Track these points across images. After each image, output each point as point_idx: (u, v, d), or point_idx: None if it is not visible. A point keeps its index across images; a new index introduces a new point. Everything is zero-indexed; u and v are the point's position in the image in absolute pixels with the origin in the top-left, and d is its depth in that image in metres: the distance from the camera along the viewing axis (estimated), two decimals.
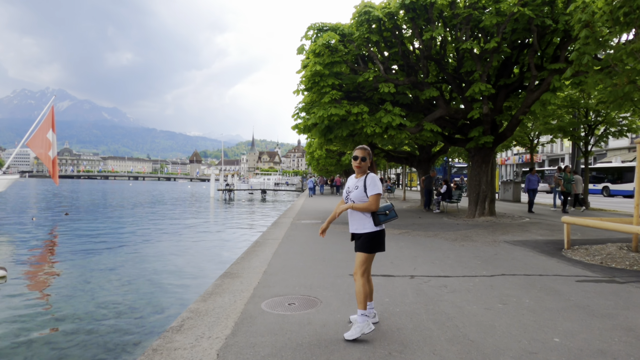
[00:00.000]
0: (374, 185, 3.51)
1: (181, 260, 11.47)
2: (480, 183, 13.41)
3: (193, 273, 9.99)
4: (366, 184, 3.52)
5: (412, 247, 8.03)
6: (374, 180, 3.53)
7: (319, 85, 10.96)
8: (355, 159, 3.59)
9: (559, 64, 10.59)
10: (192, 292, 8.34)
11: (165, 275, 9.76)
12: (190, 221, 22.05)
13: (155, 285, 8.95)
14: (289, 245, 8.54)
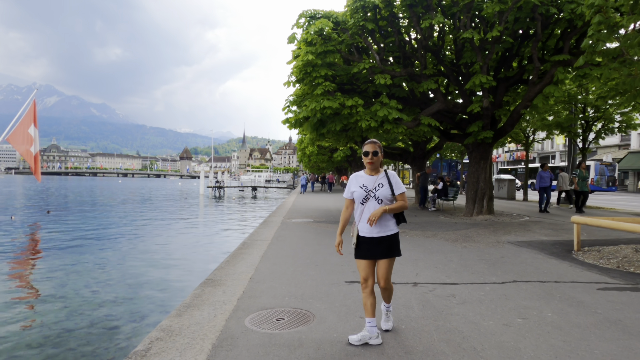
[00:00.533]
0: (400, 182, 3.35)
1: (164, 263, 10.79)
2: (478, 180, 12.90)
3: (176, 277, 9.33)
4: (391, 181, 3.29)
5: (412, 249, 7.46)
6: (396, 177, 3.37)
7: (311, 76, 10.32)
8: (366, 154, 3.28)
9: (562, 55, 10.08)
10: (172, 300, 7.70)
11: (146, 280, 9.09)
12: (177, 220, 21.32)
13: (134, 290, 8.28)
14: (279, 247, 7.92)
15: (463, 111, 11.61)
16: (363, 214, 3.27)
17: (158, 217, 22.48)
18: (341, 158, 38.43)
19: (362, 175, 3.34)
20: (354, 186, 3.33)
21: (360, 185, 3.29)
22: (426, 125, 11.20)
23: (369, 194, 3.24)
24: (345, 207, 3.45)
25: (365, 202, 3.25)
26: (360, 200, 3.28)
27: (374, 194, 3.22)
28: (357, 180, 3.34)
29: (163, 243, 13.95)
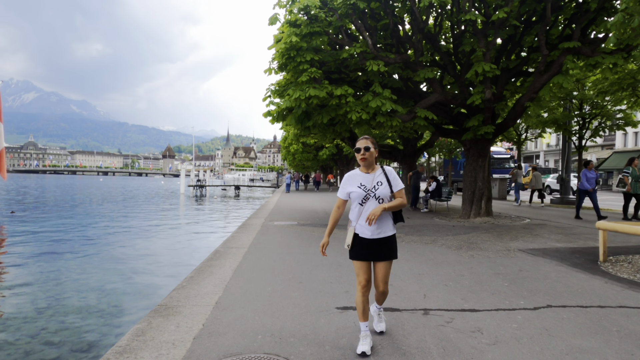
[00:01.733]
0: (398, 178, 3.17)
1: (123, 276, 9.51)
2: (476, 179, 11.93)
3: (131, 299, 8.06)
4: (389, 178, 3.13)
5: (412, 260, 6.38)
6: (394, 173, 3.18)
7: (295, 62, 9.14)
8: (358, 151, 3.13)
9: (572, 42, 9.13)
10: (109, 335, 6.48)
11: (101, 295, 7.83)
12: (152, 222, 19.91)
13: (83, 310, 7.01)
14: (257, 256, 6.75)
15: (462, 103, 10.59)
16: (362, 214, 3.09)
17: (132, 218, 21.01)
18: (327, 156, 37.31)
19: (358, 174, 3.16)
20: (350, 186, 3.15)
21: (358, 185, 3.11)
22: (422, 119, 10.14)
23: (368, 194, 3.07)
24: (336, 207, 3.26)
25: (365, 202, 3.08)
26: (359, 200, 3.10)
27: (374, 193, 3.06)
28: (354, 180, 3.15)
29: (129, 249, 12.62)
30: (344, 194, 3.19)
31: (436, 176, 15.39)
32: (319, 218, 12.62)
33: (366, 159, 3.09)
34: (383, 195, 3.05)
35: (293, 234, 9.24)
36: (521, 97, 10.31)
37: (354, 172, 3.20)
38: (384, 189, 3.06)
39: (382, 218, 3.06)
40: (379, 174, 3.12)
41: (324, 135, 13.21)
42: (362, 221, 3.08)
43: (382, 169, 3.17)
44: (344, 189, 3.19)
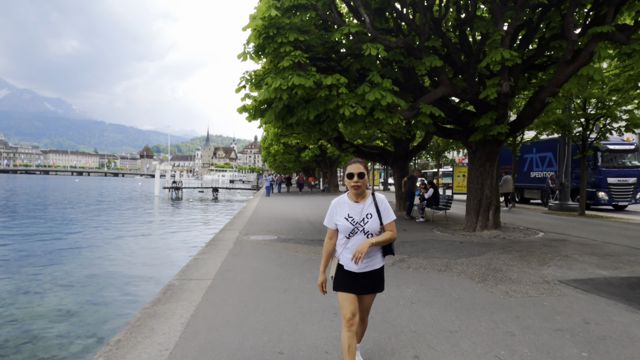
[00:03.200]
0: (389, 209, 2.91)
1: (52, 315, 7.64)
2: (483, 187, 10.41)
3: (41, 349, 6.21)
4: (379, 209, 2.86)
5: (433, 302, 4.73)
6: (385, 202, 2.90)
7: (275, 43, 7.40)
8: (350, 176, 2.83)
9: (605, 26, 7.68)
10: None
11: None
12: (114, 232, 17.83)
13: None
14: (221, 297, 4.99)
15: (473, 99, 9.03)
16: (347, 246, 2.85)
17: (89, 229, 18.85)
18: (309, 158, 35.62)
19: (346, 202, 2.90)
20: (337, 215, 2.90)
21: (345, 217, 2.86)
22: (427, 116, 8.53)
23: (356, 227, 2.82)
24: (328, 238, 2.98)
25: (352, 235, 2.84)
26: (346, 234, 2.85)
27: (362, 228, 2.81)
28: (341, 209, 2.90)
29: (73, 272, 10.66)
30: (332, 224, 2.93)
31: (433, 181, 13.85)
32: (303, 231, 10.90)
33: (359, 186, 2.83)
34: (372, 230, 2.82)
35: (272, 256, 7.49)
36: (540, 92, 8.81)
37: (342, 199, 2.93)
38: (373, 222, 2.82)
39: (369, 252, 2.83)
40: (369, 204, 2.86)
41: (309, 135, 11.49)
42: (347, 253, 2.86)
43: (372, 197, 2.90)
44: (331, 218, 2.94)
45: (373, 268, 2.86)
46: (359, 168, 2.81)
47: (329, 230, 2.96)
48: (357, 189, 2.81)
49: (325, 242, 2.98)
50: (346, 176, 2.84)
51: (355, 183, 2.79)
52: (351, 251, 2.79)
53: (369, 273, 2.85)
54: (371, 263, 2.84)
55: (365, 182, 2.83)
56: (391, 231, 2.83)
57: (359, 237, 2.80)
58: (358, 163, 2.84)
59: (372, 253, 2.83)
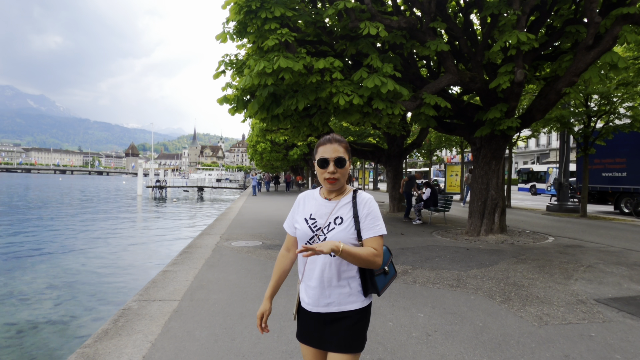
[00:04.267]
0: (375, 217, 1.76)
1: None
2: (488, 187, 9.52)
3: None
4: (359, 213, 1.75)
5: (453, 335, 3.76)
6: (371, 205, 1.78)
7: (258, 19, 6.35)
8: (323, 164, 1.77)
9: (631, 7, 6.81)
10: None
11: None
12: (89, 234, 16.58)
13: None
14: (187, 327, 3.94)
15: (483, 89, 8.09)
16: (306, 267, 1.82)
17: (62, 228, 17.54)
18: (298, 156, 34.54)
19: (315, 198, 1.87)
20: (298, 215, 1.88)
21: (306, 217, 1.83)
22: (431, 107, 7.57)
23: (317, 235, 1.77)
24: (284, 249, 1.99)
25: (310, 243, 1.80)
26: (304, 242, 1.82)
27: (325, 237, 1.75)
28: (305, 206, 1.88)
29: (30, 283, 9.49)
30: (291, 227, 1.93)
31: (430, 182, 12.94)
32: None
33: (336, 180, 1.76)
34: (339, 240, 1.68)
35: (255, 267, 6.47)
36: (555, 81, 7.92)
37: (312, 193, 1.91)
38: (343, 230, 1.72)
39: (335, 275, 1.74)
40: (343, 204, 1.78)
41: (298, 130, 10.45)
42: (307, 278, 1.81)
43: (353, 195, 1.80)
44: (291, 218, 1.94)
45: (341, 308, 1.74)
46: (337, 150, 1.75)
47: (287, 237, 1.98)
48: (333, 183, 1.75)
49: (279, 255, 1.98)
50: (317, 163, 1.77)
51: (330, 175, 1.73)
52: (308, 276, 1.81)
53: (334, 316, 1.75)
54: (337, 299, 1.75)
55: (346, 173, 1.78)
56: (374, 250, 1.66)
57: None
58: (336, 143, 1.77)
59: (340, 280, 1.74)
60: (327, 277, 1.74)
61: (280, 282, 1.95)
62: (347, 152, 1.78)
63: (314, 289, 1.77)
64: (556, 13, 8.82)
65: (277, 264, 1.96)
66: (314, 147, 1.83)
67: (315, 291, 1.77)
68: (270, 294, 1.93)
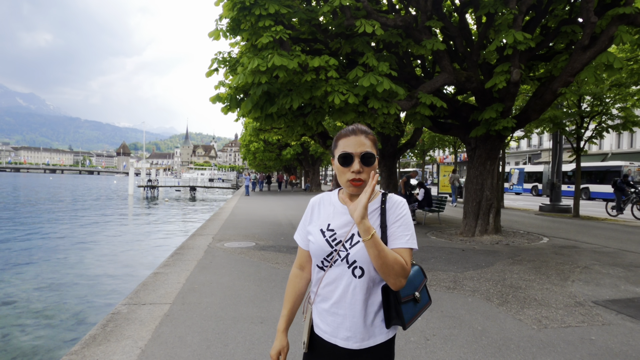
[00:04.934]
0: (407, 225, 1.42)
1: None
2: (483, 187, 9.48)
3: None
4: (387, 219, 1.42)
5: (452, 339, 3.67)
6: (403, 210, 1.44)
7: (252, 16, 6.23)
8: (346, 161, 1.39)
9: (627, 7, 6.80)
10: None
11: None
12: (75, 236, 16.32)
13: None
14: (179, 332, 3.81)
15: (478, 88, 8.03)
16: (321, 286, 1.47)
17: (54, 227, 17.26)
18: (291, 156, 34.40)
19: (332, 204, 1.53)
20: (313, 224, 1.53)
21: (322, 228, 1.48)
22: (427, 107, 7.49)
23: (337, 251, 1.42)
24: (296, 267, 1.63)
25: (328, 266, 1.45)
26: (319, 259, 1.47)
27: (346, 253, 1.41)
28: (320, 213, 1.54)
29: None
30: (304, 239, 1.57)
31: (423, 182, 12.90)
32: (284, 236, 9.76)
33: (363, 181, 1.38)
34: (364, 260, 1.37)
35: (248, 269, 6.34)
36: (551, 81, 7.89)
37: (327, 196, 1.56)
38: None
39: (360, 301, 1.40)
40: (371, 210, 1.44)
41: (292, 130, 10.33)
42: (322, 296, 1.47)
43: (382, 199, 1.46)
44: (304, 227, 1.58)
45: (364, 345, 1.43)
46: (363, 144, 1.39)
47: (299, 252, 1.64)
48: (358, 185, 1.39)
49: (292, 275, 1.64)
50: (338, 160, 1.40)
51: (355, 175, 1.38)
52: (324, 297, 1.47)
53: (353, 353, 1.43)
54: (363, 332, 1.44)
55: (375, 169, 1.41)
56: (403, 260, 1.34)
57: (340, 271, 1.43)
58: (362, 135, 1.42)
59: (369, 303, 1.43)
60: (349, 303, 1.42)
61: (296, 309, 1.61)
62: (375, 147, 1.44)
63: (333, 315, 1.45)
64: (551, 13, 8.81)
65: (290, 286, 1.63)
66: (333, 140, 1.49)
67: (334, 318, 1.44)
68: (286, 326, 1.59)
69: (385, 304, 1.42)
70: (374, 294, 1.43)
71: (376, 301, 1.43)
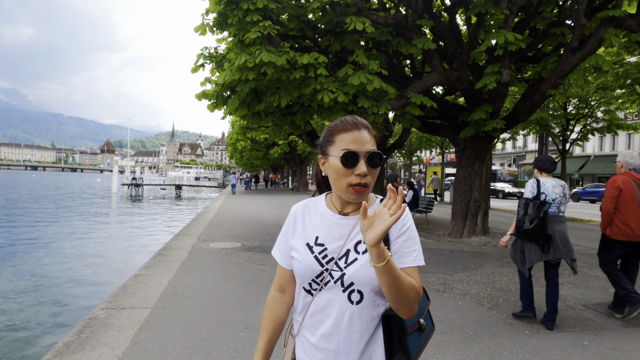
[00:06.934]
0: (412, 238, 1.19)
1: None
2: (471, 189, 9.45)
3: None
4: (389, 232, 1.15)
5: (444, 344, 3.57)
6: (407, 221, 1.19)
7: (240, 10, 6.04)
8: (350, 160, 1.12)
9: (616, 10, 6.81)
10: None
11: None
12: (53, 234, 15.89)
13: None
14: (159, 340, 3.63)
15: (468, 89, 7.98)
16: (308, 314, 1.22)
17: (33, 226, 16.77)
18: (278, 155, 34.18)
19: (321, 213, 1.26)
20: (296, 238, 1.26)
21: (309, 243, 1.22)
22: (417, 107, 7.41)
23: (328, 271, 1.17)
24: (276, 289, 1.35)
25: (316, 289, 1.20)
26: (306, 282, 1.21)
27: (341, 273, 1.16)
28: (305, 224, 1.27)
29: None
30: (287, 256, 1.29)
31: (412, 182, 12.85)
32: (271, 236, 9.60)
33: (368, 187, 1.15)
34: (364, 281, 1.13)
35: (233, 271, 6.17)
36: (540, 83, 7.87)
37: (313, 203, 1.29)
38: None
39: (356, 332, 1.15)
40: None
41: (279, 128, 10.16)
42: (308, 326, 1.21)
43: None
44: (284, 241, 1.30)
45: None
46: (368, 141, 1.16)
47: (278, 271, 1.37)
48: (362, 192, 1.15)
49: (270, 300, 1.36)
50: (341, 159, 1.13)
51: (361, 179, 1.13)
52: (311, 328, 1.22)
53: None
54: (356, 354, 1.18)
55: (376, 174, 1.18)
56: (416, 285, 1.13)
57: (332, 295, 1.18)
58: (365, 129, 1.18)
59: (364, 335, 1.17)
60: (343, 335, 1.17)
61: (274, 342, 1.33)
62: (377, 144, 1.21)
63: (322, 350, 1.20)
64: (540, 15, 8.82)
65: (267, 313, 1.35)
66: (325, 133, 1.23)
67: (324, 355, 1.19)
68: (263, 356, 1.31)
69: (387, 336, 1.18)
70: (373, 324, 1.18)
71: (377, 333, 1.19)
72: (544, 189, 4.05)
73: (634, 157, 4.31)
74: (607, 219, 4.32)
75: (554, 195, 4.04)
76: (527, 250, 4.10)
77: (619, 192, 4.21)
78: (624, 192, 4.19)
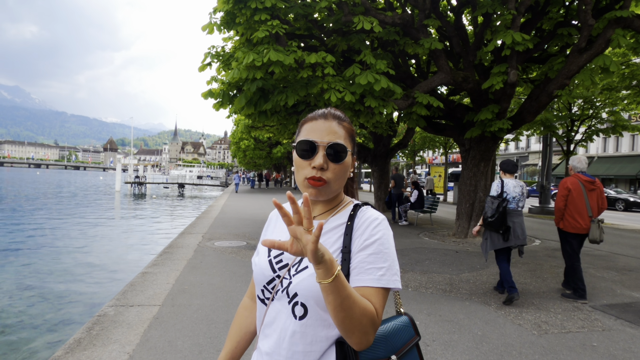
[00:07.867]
0: (380, 252, 0.96)
1: None
2: (476, 189, 9.44)
3: None
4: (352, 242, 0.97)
5: (452, 345, 3.57)
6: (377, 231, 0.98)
7: (248, 9, 6.06)
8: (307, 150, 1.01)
9: (624, 10, 6.79)
10: None
11: None
12: (57, 234, 15.95)
13: None
14: (168, 337, 3.65)
15: (475, 89, 7.98)
16: (262, 325, 1.05)
17: (38, 224, 16.84)
18: (281, 154, 34.19)
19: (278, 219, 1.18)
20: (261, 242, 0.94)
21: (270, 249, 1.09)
22: (423, 107, 7.41)
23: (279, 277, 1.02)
24: (247, 296, 1.25)
25: (269, 298, 1.03)
26: (260, 286, 1.06)
27: (289, 281, 0.99)
28: (276, 226, 1.16)
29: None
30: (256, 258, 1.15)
31: (417, 182, 12.83)
32: None
33: (325, 183, 1.00)
34: (309, 292, 0.94)
35: (239, 269, 6.19)
36: (547, 83, 7.86)
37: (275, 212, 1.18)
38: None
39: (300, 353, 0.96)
40: (333, 226, 1.03)
41: (284, 127, 10.17)
42: (263, 339, 1.05)
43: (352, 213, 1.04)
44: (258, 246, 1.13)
45: None
46: (333, 132, 1.04)
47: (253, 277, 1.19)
48: (317, 186, 1.02)
49: (240, 307, 1.26)
50: (296, 152, 1.05)
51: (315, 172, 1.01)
52: (262, 341, 1.07)
53: None
54: None
55: (343, 173, 1.05)
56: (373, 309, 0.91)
57: (279, 308, 1.02)
58: (334, 120, 1.07)
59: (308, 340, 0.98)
60: (284, 356, 1.00)
61: (240, 351, 1.21)
62: (351, 140, 1.08)
63: None
64: (546, 15, 8.81)
65: (235, 321, 1.24)
66: (298, 127, 1.14)
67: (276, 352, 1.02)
68: None
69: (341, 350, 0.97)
70: (320, 347, 0.97)
71: (320, 330, 0.98)
72: (506, 188, 4.89)
73: (581, 161, 5.08)
74: (559, 215, 5.09)
75: (514, 194, 4.89)
76: (490, 238, 4.95)
77: (568, 192, 4.97)
78: (572, 192, 4.95)
